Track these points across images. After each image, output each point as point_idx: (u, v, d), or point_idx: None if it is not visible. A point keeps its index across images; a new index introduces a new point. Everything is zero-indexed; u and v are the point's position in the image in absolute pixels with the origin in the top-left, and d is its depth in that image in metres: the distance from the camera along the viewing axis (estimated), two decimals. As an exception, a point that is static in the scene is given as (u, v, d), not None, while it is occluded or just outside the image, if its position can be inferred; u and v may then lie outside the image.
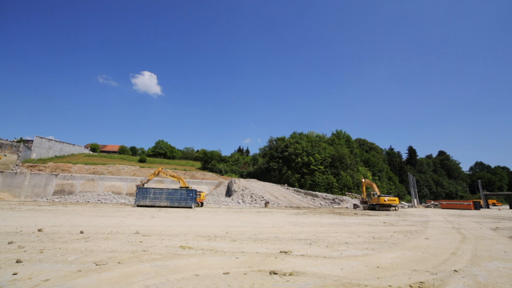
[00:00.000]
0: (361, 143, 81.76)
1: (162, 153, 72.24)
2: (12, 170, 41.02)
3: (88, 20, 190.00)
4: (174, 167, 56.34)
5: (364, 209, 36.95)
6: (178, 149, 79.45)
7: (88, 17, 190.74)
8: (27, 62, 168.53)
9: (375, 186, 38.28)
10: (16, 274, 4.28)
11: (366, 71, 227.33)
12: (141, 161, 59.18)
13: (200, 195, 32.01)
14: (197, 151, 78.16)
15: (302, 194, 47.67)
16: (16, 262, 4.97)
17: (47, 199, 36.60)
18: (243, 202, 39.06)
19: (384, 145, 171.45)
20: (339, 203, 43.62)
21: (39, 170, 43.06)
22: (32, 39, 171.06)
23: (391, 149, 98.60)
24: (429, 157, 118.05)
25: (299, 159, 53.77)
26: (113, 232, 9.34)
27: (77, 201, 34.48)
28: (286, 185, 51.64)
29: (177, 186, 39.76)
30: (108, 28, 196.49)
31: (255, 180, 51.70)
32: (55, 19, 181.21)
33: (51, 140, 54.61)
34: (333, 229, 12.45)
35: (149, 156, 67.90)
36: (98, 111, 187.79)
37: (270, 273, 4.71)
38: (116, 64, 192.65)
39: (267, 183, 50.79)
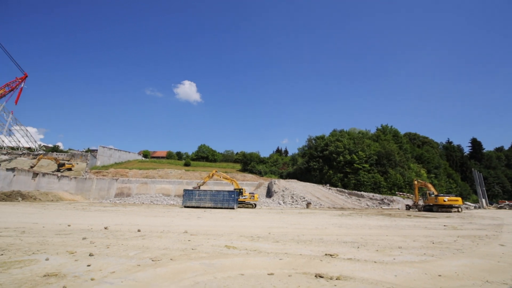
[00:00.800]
0: (412, 137, 74.26)
1: (205, 156, 76.10)
2: (83, 176, 47.71)
3: (135, 37, 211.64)
4: (216, 170, 58.86)
5: (419, 211, 33.43)
6: (218, 152, 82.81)
7: (135, 35, 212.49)
8: (89, 83, 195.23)
9: (430, 186, 34.40)
10: (89, 265, 4.94)
11: (412, 56, 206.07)
12: (186, 165, 63.23)
13: (254, 196, 32.93)
14: (237, 153, 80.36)
15: (346, 194, 45.31)
16: (89, 255, 5.74)
17: (110, 200, 41.58)
18: (283, 203, 38.80)
19: (439, 138, 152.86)
20: (389, 204, 40.26)
21: (103, 175, 49.23)
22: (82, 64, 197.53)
23: (449, 142, 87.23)
24: (499, 149, 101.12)
25: (341, 158, 51.27)
26: (165, 231, 10.14)
27: (134, 203, 38.42)
28: (328, 185, 49.71)
29: (218, 188, 41.42)
30: (151, 44, 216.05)
31: (295, 180, 50.93)
32: (107, 38, 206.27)
33: (111, 149, 62.01)
34: (383, 232, 11.53)
35: (193, 160, 72.12)
36: (147, 121, 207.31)
37: (315, 276, 4.57)
38: (159, 76, 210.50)
39: (308, 183, 49.58)
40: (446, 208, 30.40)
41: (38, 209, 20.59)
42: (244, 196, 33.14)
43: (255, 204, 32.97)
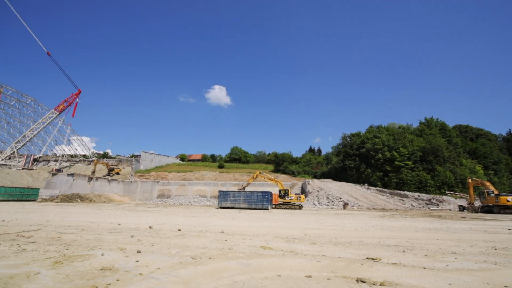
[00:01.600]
0: (463, 130, 66.48)
1: (237, 158, 77.67)
2: (129, 179, 52.20)
3: (166, 50, 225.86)
4: (248, 171, 59.65)
5: (476, 212, 29.77)
6: (251, 154, 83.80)
7: (166, 48, 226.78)
8: (130, 94, 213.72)
9: (488, 184, 30.45)
10: (138, 261, 5.37)
11: (457, 39, 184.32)
12: (220, 167, 65.22)
13: (300, 197, 32.30)
14: (269, 154, 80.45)
15: (387, 194, 42.33)
16: (137, 252, 6.24)
17: (152, 201, 44.78)
18: (319, 203, 37.72)
19: (498, 129, 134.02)
20: (438, 205, 36.58)
21: (146, 178, 53.26)
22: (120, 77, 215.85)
23: (511, 134, 76.06)
24: None
25: (380, 155, 48.09)
26: (203, 230, 10.57)
27: (174, 203, 40.82)
28: (366, 184, 47.00)
29: (251, 189, 41.86)
30: (182, 53, 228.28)
31: (330, 180, 49.16)
32: (141, 53, 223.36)
33: (152, 153, 66.82)
34: (433, 235, 10.51)
35: (226, 162, 74.11)
36: (182, 126, 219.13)
37: (357, 280, 4.34)
38: (191, 83, 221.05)
39: (344, 183, 47.48)
40: (510, 209, 26.58)
41: (93, 210, 23.07)
42: (290, 197, 32.24)
43: (302, 205, 31.90)
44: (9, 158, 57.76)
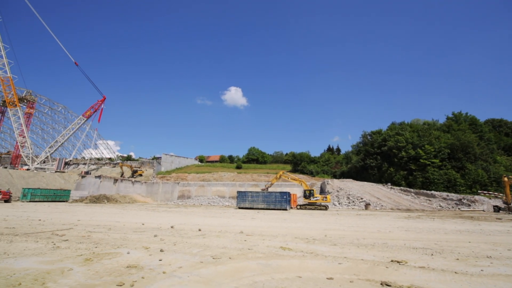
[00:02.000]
0: (496, 124, 61.76)
1: (255, 159, 77.88)
2: (151, 181, 54.19)
3: (182, 53, 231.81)
4: (266, 171, 59.59)
5: (513, 213, 27.50)
6: (268, 154, 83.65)
7: (183, 51, 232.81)
8: (150, 99, 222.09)
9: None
10: (161, 260, 5.55)
11: (486, 28, 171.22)
12: (238, 167, 65.74)
13: (326, 197, 31.50)
14: (286, 154, 79.85)
15: (412, 194, 40.36)
16: (160, 251, 6.46)
17: (173, 202, 46.13)
18: (339, 204, 36.82)
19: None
20: (469, 205, 34.26)
21: (167, 180, 55.00)
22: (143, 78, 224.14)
23: (552, 127, 69.35)
24: None
25: (403, 153, 45.97)
26: (222, 231, 10.70)
27: (194, 204, 41.76)
28: (389, 184, 45.13)
29: (270, 189, 41.72)
30: (197, 56, 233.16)
31: (351, 180, 47.79)
32: (159, 56, 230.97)
33: (172, 155, 68.87)
34: (464, 237, 9.86)
35: (244, 162, 74.57)
36: (200, 128, 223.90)
37: (381, 284, 4.17)
38: (207, 85, 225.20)
39: (365, 182, 45.94)
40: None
41: (119, 210, 24.21)
42: (316, 197, 31.33)
43: (327, 206, 30.97)
44: (44, 162, 62.29)
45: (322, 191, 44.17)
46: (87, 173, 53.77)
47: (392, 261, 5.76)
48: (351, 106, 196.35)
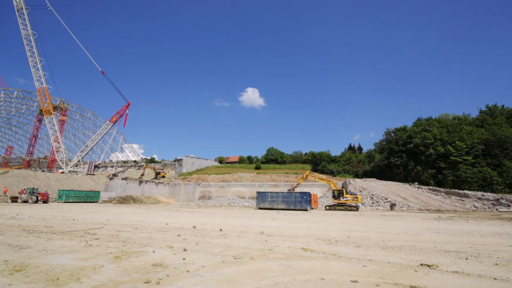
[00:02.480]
0: (538, 117, 56.27)
1: (273, 159, 77.61)
2: (173, 182, 55.98)
3: (199, 56, 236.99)
4: (285, 171, 59.16)
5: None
6: (287, 154, 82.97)
7: (200, 53, 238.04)
8: (170, 103, 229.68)
9: None
10: (184, 259, 5.71)
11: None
12: (257, 168, 65.90)
13: (357, 197, 30.16)
14: (305, 153, 78.71)
15: (442, 193, 37.96)
16: (183, 250, 6.64)
17: (195, 202, 47.27)
18: (362, 204, 35.57)
19: None
20: (509, 205, 31.52)
21: (188, 181, 56.49)
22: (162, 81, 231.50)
23: None
24: None
25: (431, 151, 43.38)
26: (243, 231, 10.78)
27: (214, 204, 42.49)
28: (416, 183, 42.82)
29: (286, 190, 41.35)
30: (214, 58, 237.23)
31: (374, 179, 46.00)
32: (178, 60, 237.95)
33: (193, 157, 70.66)
34: (503, 240, 9.10)
35: (263, 163, 74.58)
36: (219, 129, 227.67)
37: (410, 288, 3.96)
38: (224, 88, 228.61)
39: (390, 182, 43.97)
40: None
41: (144, 210, 25.28)
42: (346, 197, 29.93)
43: (358, 207, 29.68)
44: (76, 165, 66.77)
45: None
46: (114, 175, 56.81)
47: (421, 264, 5.46)
48: (372, 103, 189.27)
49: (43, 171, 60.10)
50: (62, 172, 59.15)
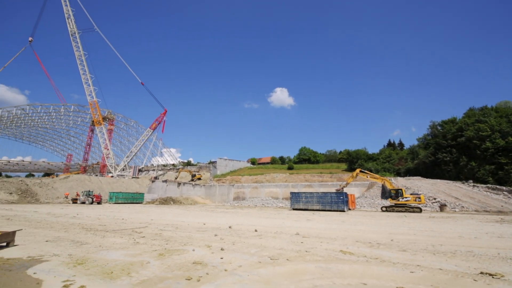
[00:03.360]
0: None
1: (306, 159, 75.94)
2: (208, 183, 58.15)
3: (225, 60, 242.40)
4: (319, 171, 57.49)
5: None
6: (320, 153, 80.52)
7: (227, 57, 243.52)
8: (204, 108, 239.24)
9: None
10: (222, 258, 5.87)
11: None
12: (289, 168, 65.12)
13: (420, 197, 26.61)
14: (340, 152, 75.50)
15: (505, 192, 33.26)
16: (221, 249, 6.84)
17: (230, 203, 48.44)
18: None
19: None
20: None
21: (222, 182, 58.17)
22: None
23: None
24: None
25: (488, 144, 38.35)
26: (278, 232, 10.72)
27: (248, 205, 43.05)
28: (470, 181, 38.19)
29: (324, 190, 40.09)
30: (242, 62, 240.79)
31: (419, 178, 42.21)
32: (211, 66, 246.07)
33: (226, 159, 72.64)
34: None
35: (295, 163, 73.42)
36: (250, 131, 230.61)
37: (469, 299, 3.53)
38: (253, 89, 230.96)
39: (438, 180, 39.92)
40: None
41: (183, 211, 26.68)
42: (406, 197, 26.77)
43: (421, 208, 26.62)
44: (123, 170, 73.35)
45: (385, 191, 40.18)
46: (155, 178, 61.03)
47: (481, 273, 4.84)
48: (412, 95, 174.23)
49: (96, 175, 67.22)
50: (112, 176, 65.49)
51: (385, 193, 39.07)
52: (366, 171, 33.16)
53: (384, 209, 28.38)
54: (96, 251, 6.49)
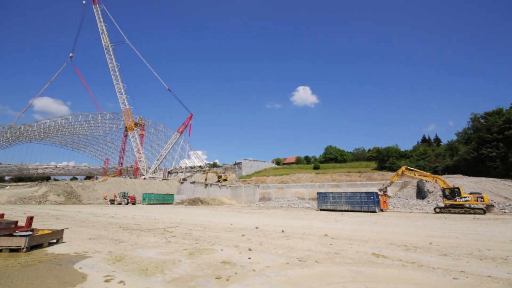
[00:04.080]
0: None
1: (333, 158, 73.73)
2: (234, 184, 59.03)
3: (245, 62, 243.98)
4: (347, 170, 55.47)
5: None
6: (347, 152, 77.67)
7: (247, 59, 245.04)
8: (224, 110, 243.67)
9: None
10: (250, 258, 5.91)
11: None
12: (315, 168, 63.71)
13: (482, 197, 23.92)
14: (369, 150, 72.13)
15: None
16: (248, 250, 6.89)
17: (255, 204, 48.68)
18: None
19: None
20: None
21: (248, 183, 58.68)
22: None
23: None
24: None
25: (543, 137, 33.99)
26: (306, 233, 10.53)
27: (274, 206, 42.88)
28: (522, 179, 34.14)
29: (353, 190, 38.60)
30: (263, 60, 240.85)
31: (460, 176, 38.74)
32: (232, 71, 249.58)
33: (251, 160, 73.20)
34: None
35: (321, 162, 71.63)
36: (273, 131, 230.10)
37: (526, 311, 3.15)
38: (274, 89, 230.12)
39: (483, 178, 36.29)
40: None
41: (210, 211, 27.38)
42: (465, 197, 24.04)
43: (485, 210, 23.83)
44: (154, 172, 77.43)
45: (420, 190, 37.56)
46: (184, 180, 63.49)
47: (541, 282, 4.29)
48: (448, 86, 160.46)
49: (130, 178, 71.75)
50: (144, 178, 69.45)
51: (421, 193, 36.55)
52: (413, 169, 30.09)
53: (437, 210, 25.37)
54: (132, 249, 6.91)
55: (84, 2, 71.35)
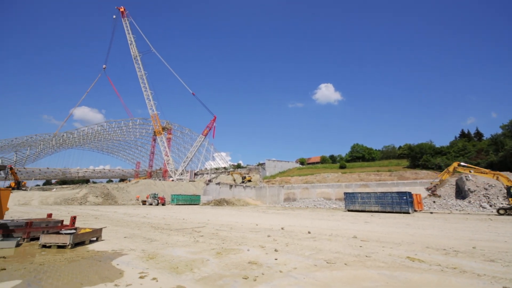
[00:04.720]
0: None
1: (360, 156, 70.84)
2: (259, 185, 59.22)
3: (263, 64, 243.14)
4: (376, 169, 52.93)
5: None
6: (376, 149, 74.13)
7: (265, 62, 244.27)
8: (242, 113, 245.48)
9: None
10: (276, 259, 5.88)
11: None
12: (342, 167, 61.66)
13: None
14: (400, 147, 68.15)
15: None
16: (275, 250, 6.86)
17: (280, 204, 48.37)
18: (489, 206, 27.69)
19: None
20: None
21: (272, 183, 58.52)
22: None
23: None
24: None
25: None
26: (333, 234, 10.22)
27: (300, 206, 42.25)
28: None
29: (382, 189, 36.71)
30: (279, 62, 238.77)
31: (507, 173, 35.01)
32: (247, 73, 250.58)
33: (275, 160, 72.95)
34: None
35: (347, 161, 69.15)
36: (296, 131, 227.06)
37: None
38: (295, 89, 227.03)
39: (535, 175, 32.41)
40: None
41: (236, 212, 27.75)
42: None
43: None
44: (181, 174, 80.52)
45: (460, 189, 34.61)
46: (210, 181, 65.17)
47: None
48: (489, 74, 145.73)
49: (160, 179, 75.31)
50: (172, 180, 72.49)
51: (461, 192, 33.77)
52: (467, 165, 26.96)
53: (502, 212, 22.54)
54: (164, 248, 7.24)
55: (114, 16, 76.64)
